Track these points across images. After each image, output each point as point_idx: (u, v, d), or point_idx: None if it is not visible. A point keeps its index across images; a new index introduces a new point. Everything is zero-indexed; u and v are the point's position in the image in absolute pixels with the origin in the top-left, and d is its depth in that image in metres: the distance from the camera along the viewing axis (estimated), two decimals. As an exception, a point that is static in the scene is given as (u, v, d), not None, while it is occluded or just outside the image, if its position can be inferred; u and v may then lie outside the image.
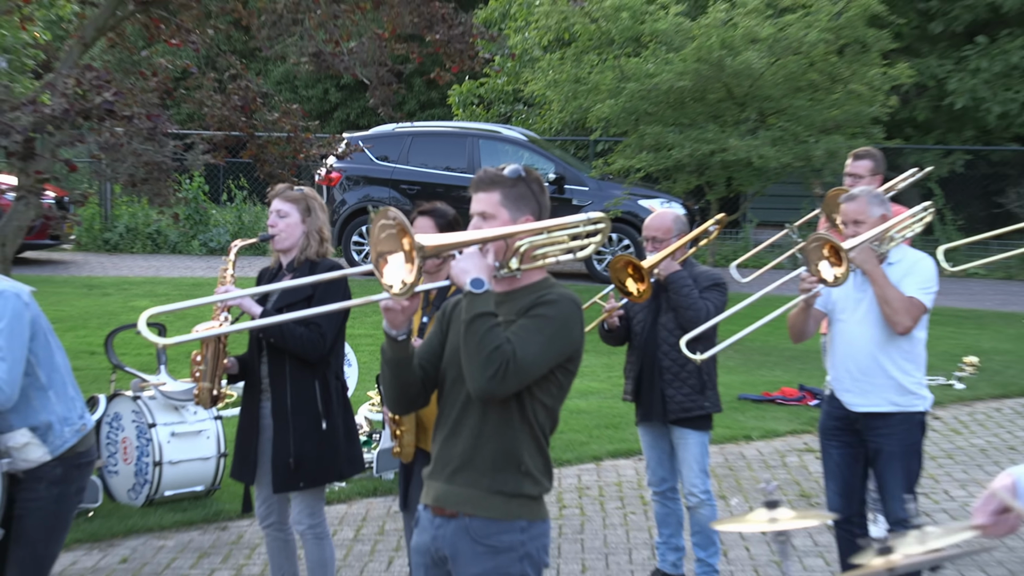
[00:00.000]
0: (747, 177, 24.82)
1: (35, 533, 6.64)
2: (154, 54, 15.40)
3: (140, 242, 28.50)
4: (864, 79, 24.85)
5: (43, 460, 6.57)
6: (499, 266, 5.04)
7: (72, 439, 6.70)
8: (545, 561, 5.29)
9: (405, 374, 5.23)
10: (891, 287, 7.86)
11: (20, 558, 6.67)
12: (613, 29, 24.58)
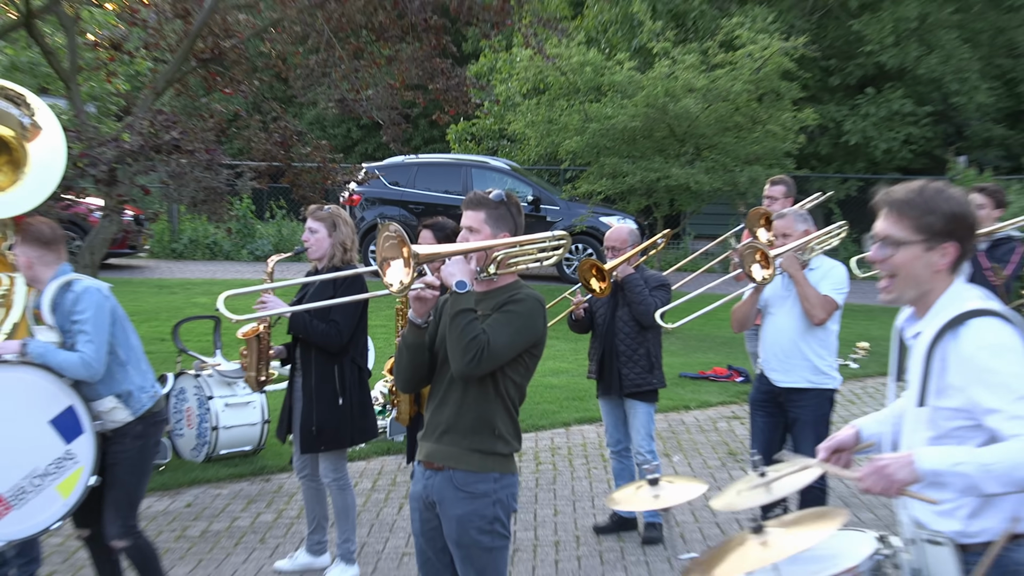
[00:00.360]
0: (686, 199, 24.85)
1: (125, 477, 6.77)
2: (211, 100, 15.31)
3: (200, 251, 28.53)
4: (778, 121, 24.91)
5: (126, 420, 6.75)
6: (480, 271, 5.26)
7: (148, 403, 6.88)
8: (513, 506, 5.46)
9: (420, 357, 5.41)
10: (811, 287, 8.12)
11: (115, 498, 6.77)
12: (579, 80, 24.62)
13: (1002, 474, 3.58)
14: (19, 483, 6.42)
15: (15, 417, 6.48)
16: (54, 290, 6.65)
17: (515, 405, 5.48)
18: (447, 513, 5.35)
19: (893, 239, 3.94)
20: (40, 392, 6.54)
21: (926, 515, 3.95)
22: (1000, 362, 3.75)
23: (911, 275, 3.97)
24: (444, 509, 5.37)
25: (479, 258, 5.28)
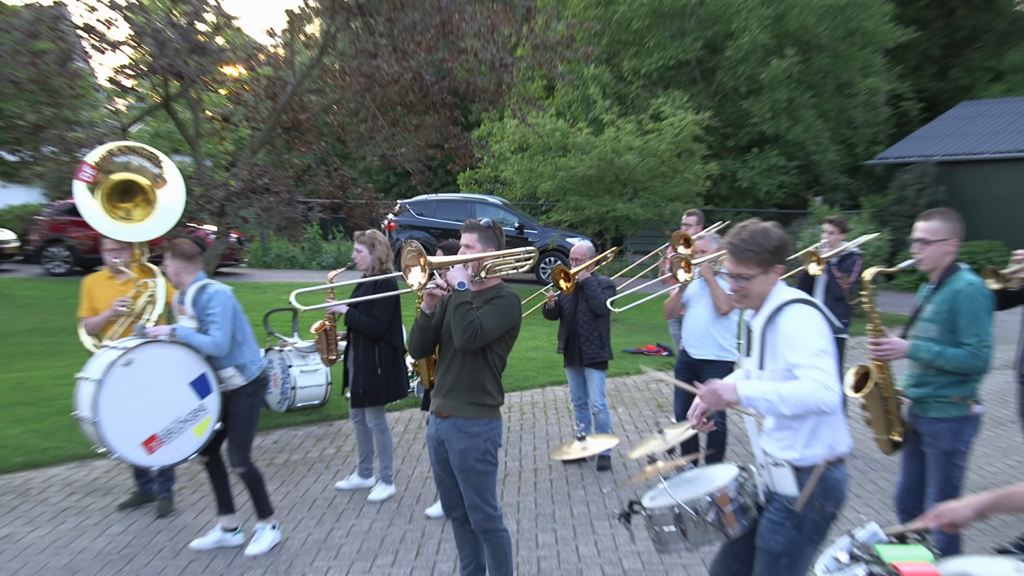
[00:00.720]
0: (627, 225, 24.82)
1: (241, 425, 6.88)
2: (291, 156, 15.23)
3: (283, 262, 28.41)
4: (691, 171, 24.91)
5: (241, 384, 6.90)
6: (474, 275, 5.43)
7: (256, 372, 6.99)
8: (499, 442, 5.58)
9: (428, 336, 5.62)
10: (719, 288, 8.19)
11: (234, 440, 6.89)
12: (551, 141, 24.65)
13: (792, 401, 3.96)
14: (168, 426, 6.68)
15: (166, 379, 6.70)
16: (194, 291, 6.84)
17: (499, 371, 5.59)
18: (452, 448, 5.48)
19: (744, 276, 4.28)
20: (183, 363, 6.78)
21: (772, 447, 4.28)
22: (802, 331, 4.13)
23: (758, 293, 4.31)
24: (450, 445, 5.49)
25: (474, 266, 5.42)
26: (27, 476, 8.79)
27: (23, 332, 16.55)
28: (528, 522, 7.52)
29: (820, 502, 4.14)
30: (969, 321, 5.33)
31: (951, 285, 5.46)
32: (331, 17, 13.54)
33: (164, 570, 6.56)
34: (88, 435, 6.79)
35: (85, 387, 6.63)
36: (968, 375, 5.40)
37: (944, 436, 5.45)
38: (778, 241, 4.29)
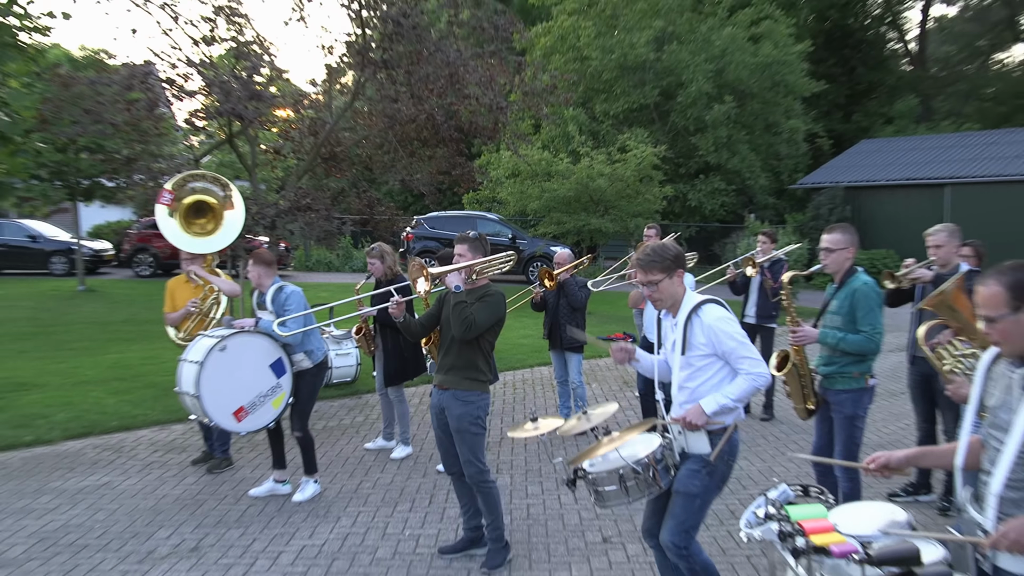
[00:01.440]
0: (599, 237, 24.82)
1: (304, 399, 6.93)
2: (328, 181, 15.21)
3: (322, 266, 28.43)
4: (651, 193, 24.84)
5: (308, 367, 6.95)
6: (467, 278, 5.46)
7: (320, 357, 7.04)
8: (487, 411, 5.60)
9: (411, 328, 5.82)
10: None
11: (296, 410, 6.91)
12: (538, 169, 24.56)
13: (740, 397, 4.19)
14: (253, 399, 6.70)
15: (252, 362, 6.73)
16: (273, 291, 6.89)
17: (489, 353, 5.62)
18: (451, 413, 5.48)
19: (653, 281, 4.33)
20: (264, 348, 6.80)
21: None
22: (722, 324, 4.23)
23: (668, 294, 4.36)
24: (449, 412, 5.49)
25: (466, 271, 5.45)
26: (121, 437, 8.83)
27: (118, 322, 16.57)
28: (519, 476, 7.50)
29: (728, 457, 4.28)
30: (865, 313, 5.47)
31: (850, 285, 5.58)
32: (361, 70, 13.56)
33: (228, 512, 6.55)
34: (188, 406, 6.84)
35: (188, 368, 6.67)
36: (865, 356, 5.52)
37: (847, 404, 5.56)
38: (675, 252, 4.38)
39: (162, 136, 14.94)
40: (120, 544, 5.94)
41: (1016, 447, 2.84)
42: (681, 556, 4.25)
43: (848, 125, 38.77)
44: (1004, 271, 2.93)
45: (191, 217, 7.88)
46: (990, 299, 2.92)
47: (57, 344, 14.21)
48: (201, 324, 7.66)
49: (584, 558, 5.68)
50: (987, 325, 2.95)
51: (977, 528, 2.94)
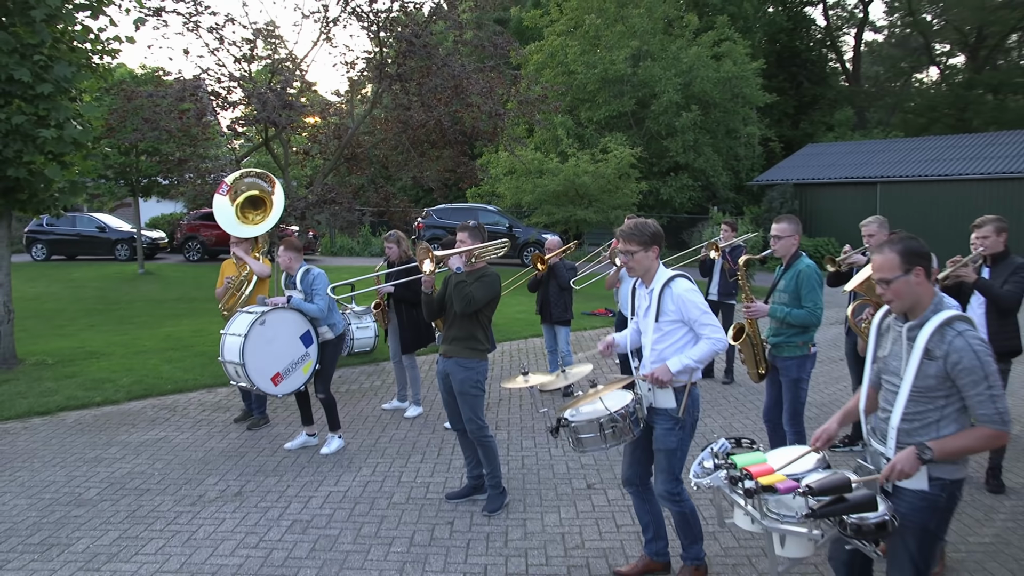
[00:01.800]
0: (584, 226, 24.63)
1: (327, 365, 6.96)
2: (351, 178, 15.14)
3: (345, 251, 28.32)
4: (628, 188, 24.68)
5: (331, 338, 6.95)
6: (467, 261, 5.37)
7: (341, 329, 7.06)
8: (486, 375, 5.56)
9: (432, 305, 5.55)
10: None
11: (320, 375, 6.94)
12: (530, 167, 24.37)
13: (701, 359, 4.15)
14: (287, 366, 6.71)
15: (286, 334, 6.75)
16: (301, 273, 6.94)
17: (487, 327, 5.57)
18: (454, 378, 5.46)
19: (630, 251, 4.27)
20: (295, 322, 6.81)
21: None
22: (690, 295, 4.21)
23: (642, 265, 4.30)
24: (453, 377, 5.46)
25: (466, 255, 5.37)
26: (175, 398, 8.82)
27: (171, 300, 16.54)
28: (515, 432, 7.49)
29: (692, 409, 4.27)
30: (808, 291, 5.50)
31: (796, 267, 5.61)
32: (379, 82, 13.52)
33: (266, 462, 6.54)
34: (231, 374, 6.79)
35: (232, 340, 6.66)
36: (808, 328, 5.54)
37: (793, 368, 5.58)
38: (653, 229, 4.31)
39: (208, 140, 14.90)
40: (176, 489, 5.95)
41: (908, 387, 3.07)
42: (674, 502, 4.28)
43: (796, 131, 38.78)
44: (895, 241, 3.13)
45: (248, 208, 7.89)
46: (885, 264, 3.11)
47: (121, 319, 14.21)
48: (233, 298, 7.61)
49: (571, 502, 5.68)
50: (882, 286, 3.12)
51: (881, 457, 3.17)
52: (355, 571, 4.59)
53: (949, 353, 2.97)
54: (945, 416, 3.04)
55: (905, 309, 3.13)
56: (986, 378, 2.95)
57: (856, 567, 3.40)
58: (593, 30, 30.58)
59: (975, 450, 3.05)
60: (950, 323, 3.02)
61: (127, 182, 21.39)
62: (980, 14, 42.09)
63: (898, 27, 49.50)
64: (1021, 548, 4.91)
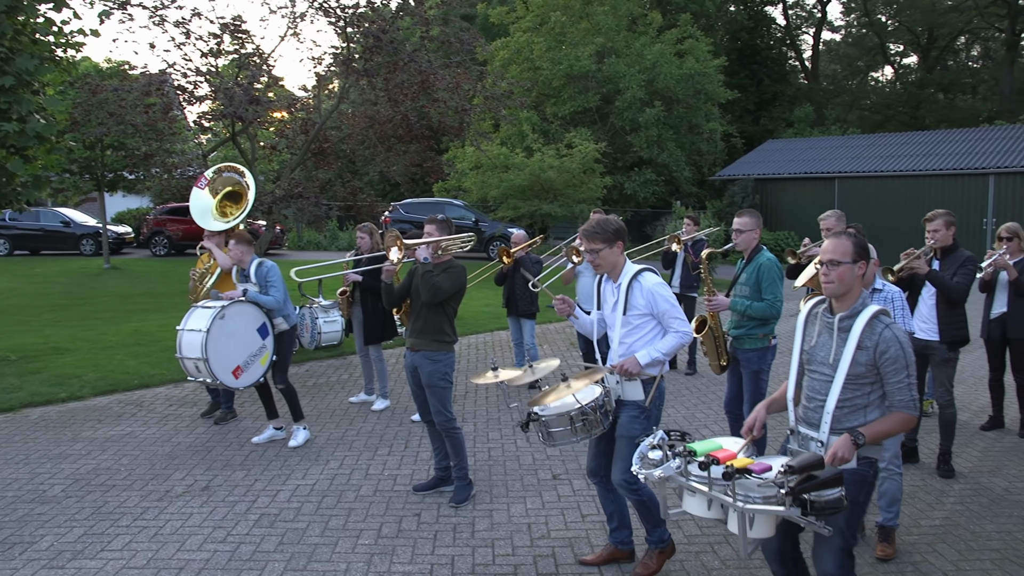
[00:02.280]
0: (549, 220, 24.67)
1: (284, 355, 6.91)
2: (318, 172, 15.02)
3: (312, 245, 28.11)
4: (593, 183, 24.79)
5: (285, 329, 6.86)
6: (435, 252, 5.33)
7: (295, 320, 6.99)
8: (453, 368, 5.55)
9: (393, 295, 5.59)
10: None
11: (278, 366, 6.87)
12: (496, 162, 24.37)
13: (669, 351, 4.19)
14: (246, 359, 6.67)
15: (243, 327, 6.69)
16: (254, 266, 6.81)
17: (453, 319, 5.55)
18: (422, 371, 5.44)
19: (595, 249, 4.25)
20: (252, 315, 6.75)
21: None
22: (661, 290, 4.21)
23: (608, 262, 4.29)
24: (421, 369, 5.45)
25: (434, 247, 5.36)
26: (141, 393, 8.70)
27: (137, 295, 16.29)
28: (482, 424, 7.48)
29: (658, 401, 4.29)
30: (768, 284, 5.51)
31: (757, 260, 5.62)
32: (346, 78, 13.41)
33: (233, 457, 6.47)
34: (189, 370, 6.69)
35: (190, 336, 6.57)
36: (768, 320, 5.55)
37: (753, 360, 5.58)
38: (616, 225, 4.29)
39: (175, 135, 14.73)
40: (142, 484, 5.85)
41: (843, 377, 3.23)
42: (632, 490, 4.25)
43: (757, 127, 39.16)
44: (851, 234, 3.32)
45: (228, 203, 7.86)
46: (839, 247, 3.28)
47: (86, 314, 13.97)
48: (197, 289, 7.59)
49: (537, 493, 5.68)
50: (829, 267, 3.27)
51: (811, 441, 3.32)
52: (323, 564, 4.56)
53: (879, 343, 3.17)
54: (871, 402, 3.25)
55: (839, 295, 3.29)
56: (907, 367, 3.18)
57: (788, 554, 3.52)
58: (558, 27, 30.64)
59: (895, 433, 3.25)
60: (877, 316, 3.23)
61: (92, 176, 21.04)
62: (931, 16, 43.08)
63: (855, 27, 50.37)
64: (968, 529, 5.01)
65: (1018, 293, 6.71)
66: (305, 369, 9.89)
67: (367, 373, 8.33)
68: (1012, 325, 6.82)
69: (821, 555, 3.28)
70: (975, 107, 42.72)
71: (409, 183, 16.03)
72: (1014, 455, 6.50)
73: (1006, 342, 6.97)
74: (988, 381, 7.28)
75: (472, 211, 24.93)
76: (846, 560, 3.25)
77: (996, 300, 6.92)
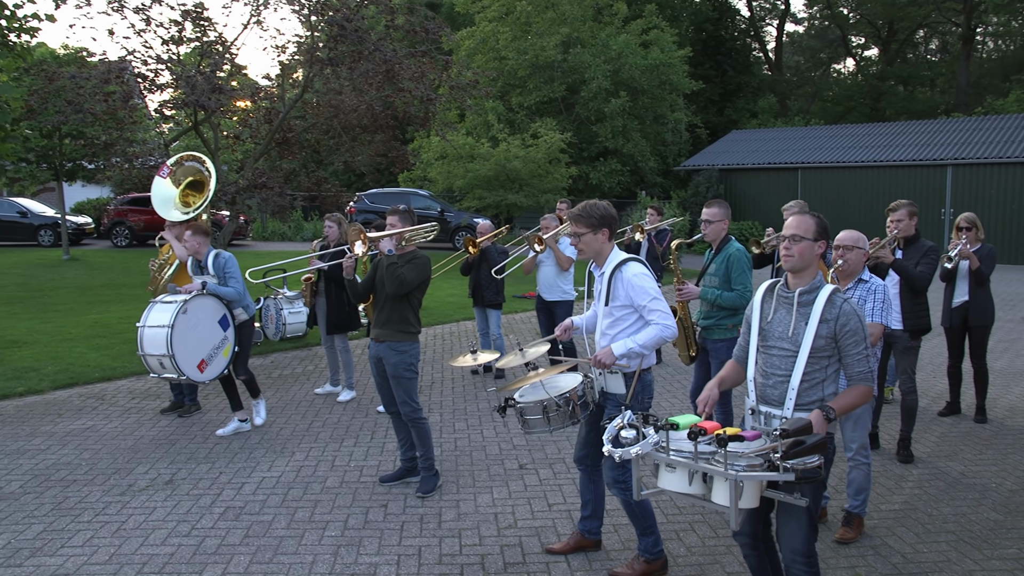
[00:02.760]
0: (515, 210, 24.67)
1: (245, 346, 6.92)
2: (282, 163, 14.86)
3: (276, 236, 27.88)
4: (559, 173, 24.87)
5: (246, 319, 6.85)
6: (398, 244, 5.32)
7: (254, 310, 6.97)
8: (419, 358, 5.52)
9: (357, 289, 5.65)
10: (561, 252, 8.26)
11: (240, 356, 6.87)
12: (462, 152, 24.29)
13: (647, 344, 4.04)
14: (209, 352, 6.65)
15: (206, 320, 6.66)
16: (211, 258, 6.76)
17: (418, 309, 5.52)
18: (388, 362, 5.44)
19: (579, 233, 4.20)
20: (214, 307, 6.72)
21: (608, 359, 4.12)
22: (641, 281, 4.10)
23: (591, 248, 4.22)
24: (386, 360, 5.44)
25: (397, 238, 5.34)
26: (103, 386, 8.58)
27: (98, 287, 16.05)
28: (448, 415, 7.47)
29: (641, 396, 4.15)
30: (738, 274, 5.56)
31: (725, 251, 5.66)
32: (310, 67, 13.26)
33: (197, 450, 6.40)
34: (152, 367, 6.63)
35: (153, 332, 6.51)
36: (737, 310, 5.57)
37: (723, 350, 5.61)
38: (602, 211, 4.19)
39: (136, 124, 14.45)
40: (104, 479, 5.77)
41: (808, 350, 3.27)
42: (620, 489, 4.18)
43: (721, 118, 39.44)
44: (816, 215, 3.44)
45: (190, 192, 7.79)
46: (802, 223, 3.37)
47: (45, 306, 13.73)
48: (156, 280, 7.50)
49: (503, 482, 5.69)
50: (791, 241, 3.34)
51: (774, 418, 3.34)
52: (289, 556, 4.53)
53: (839, 316, 3.25)
54: (828, 376, 3.32)
55: (798, 269, 3.36)
56: (864, 339, 3.27)
57: (760, 536, 3.56)
58: (524, 16, 30.58)
59: (858, 405, 3.32)
60: (835, 292, 3.32)
61: (50, 166, 20.63)
62: (890, 10, 43.72)
63: (817, 19, 50.89)
64: (926, 512, 5.11)
65: (978, 281, 6.87)
66: (270, 360, 9.80)
67: (332, 364, 8.28)
68: (973, 313, 6.98)
69: (791, 532, 3.29)
70: (934, 99, 43.39)
71: (374, 173, 15.89)
72: (970, 440, 6.65)
73: (966, 330, 7.12)
74: (947, 368, 7.43)
75: (438, 201, 24.88)
76: (812, 536, 3.30)
77: (957, 289, 7.07)
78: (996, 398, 7.86)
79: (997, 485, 5.61)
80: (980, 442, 6.59)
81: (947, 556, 4.50)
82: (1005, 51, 47.45)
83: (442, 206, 24.28)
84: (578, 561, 4.46)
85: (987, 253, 6.88)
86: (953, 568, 4.35)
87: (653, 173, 31.32)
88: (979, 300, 6.95)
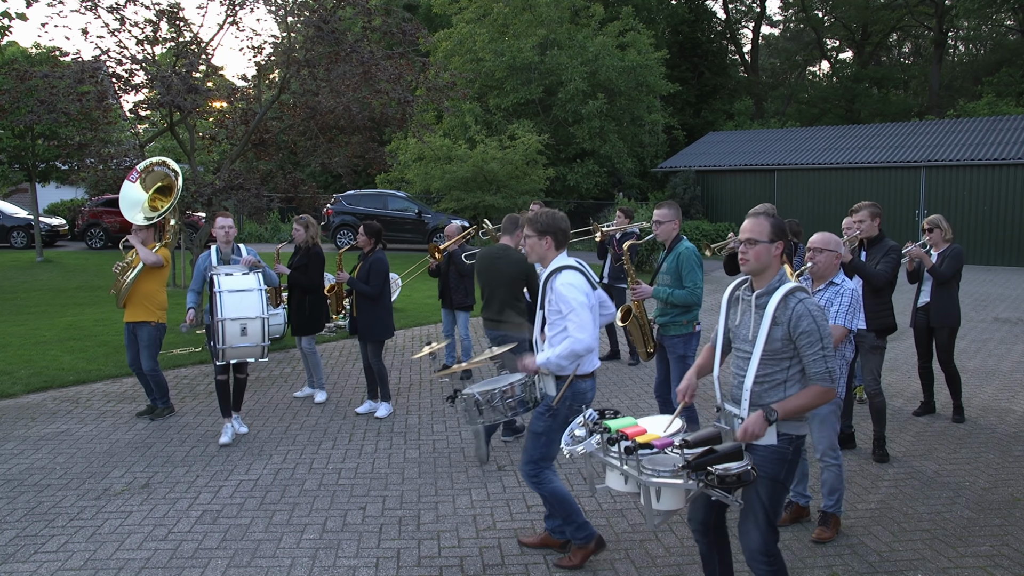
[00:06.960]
0: (493, 211, 24.53)
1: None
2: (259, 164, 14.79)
3: (253, 238, 27.58)
4: (536, 174, 24.94)
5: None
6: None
7: None
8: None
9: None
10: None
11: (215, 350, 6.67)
12: (439, 153, 24.32)
13: (561, 356, 4.04)
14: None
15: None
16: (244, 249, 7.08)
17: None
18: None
19: (527, 235, 4.27)
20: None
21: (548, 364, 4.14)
22: (565, 290, 4.09)
23: (534, 252, 4.32)
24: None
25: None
26: (78, 389, 8.47)
27: (72, 289, 15.89)
28: (426, 417, 7.46)
29: (570, 402, 4.17)
30: (688, 272, 5.77)
31: (677, 250, 5.86)
32: (287, 68, 13.23)
33: (174, 453, 6.35)
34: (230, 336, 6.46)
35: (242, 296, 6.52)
36: (690, 307, 5.80)
37: (679, 346, 5.83)
38: (549, 221, 4.27)
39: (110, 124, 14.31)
40: (79, 483, 5.71)
41: (760, 352, 3.30)
42: (532, 483, 4.31)
43: (698, 120, 39.71)
44: (770, 215, 3.40)
45: (158, 195, 7.72)
46: (757, 226, 3.36)
47: (18, 309, 13.57)
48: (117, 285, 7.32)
49: (482, 484, 5.70)
50: (747, 245, 3.35)
51: (735, 418, 3.37)
52: (267, 559, 4.51)
53: (792, 318, 3.25)
54: (790, 377, 3.31)
55: (755, 272, 3.38)
56: (821, 339, 3.23)
57: (712, 525, 3.62)
58: (501, 18, 30.60)
59: (811, 407, 3.27)
60: (792, 292, 3.30)
61: (23, 166, 20.40)
62: (864, 13, 44.27)
63: (792, 22, 51.36)
64: (902, 511, 5.18)
65: (938, 282, 6.98)
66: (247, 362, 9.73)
67: (307, 366, 8.22)
68: (935, 314, 7.11)
69: (746, 530, 3.38)
70: (907, 101, 43.93)
71: (351, 175, 15.86)
72: (944, 439, 6.74)
73: (931, 330, 7.23)
74: (917, 368, 7.53)
75: (415, 203, 24.84)
76: (769, 536, 3.35)
77: (923, 290, 7.20)
78: (970, 397, 7.96)
79: (971, 484, 5.70)
80: (954, 441, 6.69)
81: (922, 554, 4.56)
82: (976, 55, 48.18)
83: (419, 208, 24.25)
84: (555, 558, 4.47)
85: (951, 253, 6.99)
86: (928, 566, 4.42)
87: (630, 174, 31.45)
88: (941, 301, 7.07)
